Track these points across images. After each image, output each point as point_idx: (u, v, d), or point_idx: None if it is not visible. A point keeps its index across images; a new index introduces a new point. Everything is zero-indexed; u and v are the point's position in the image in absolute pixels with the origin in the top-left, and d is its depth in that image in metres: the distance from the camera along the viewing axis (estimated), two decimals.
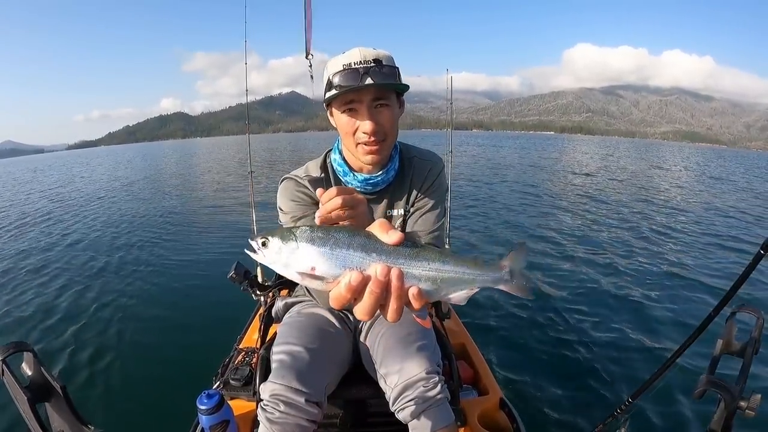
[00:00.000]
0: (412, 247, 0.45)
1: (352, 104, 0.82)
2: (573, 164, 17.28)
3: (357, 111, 0.83)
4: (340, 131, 0.89)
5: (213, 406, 0.97)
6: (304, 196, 0.94)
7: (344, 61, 0.81)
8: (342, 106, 0.84)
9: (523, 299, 3.10)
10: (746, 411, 0.66)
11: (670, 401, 1.95)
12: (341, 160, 0.96)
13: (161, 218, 6.81)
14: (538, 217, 6.32)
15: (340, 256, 0.43)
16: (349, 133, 0.85)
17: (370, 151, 0.86)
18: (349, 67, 0.80)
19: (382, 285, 0.42)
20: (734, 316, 0.79)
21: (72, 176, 17.32)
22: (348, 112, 0.84)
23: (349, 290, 0.42)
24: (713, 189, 10.60)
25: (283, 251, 0.44)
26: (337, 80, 0.81)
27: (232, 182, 11.65)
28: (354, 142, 0.86)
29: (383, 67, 0.81)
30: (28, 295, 3.59)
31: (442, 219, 1.02)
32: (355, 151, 0.89)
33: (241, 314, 1.86)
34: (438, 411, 0.84)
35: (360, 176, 0.94)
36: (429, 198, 1.00)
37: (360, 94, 0.81)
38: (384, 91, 0.83)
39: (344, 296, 0.43)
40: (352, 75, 0.79)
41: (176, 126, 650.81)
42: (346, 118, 0.84)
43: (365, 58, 0.80)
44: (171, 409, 1.85)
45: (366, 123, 0.82)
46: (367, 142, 0.84)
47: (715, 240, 5.18)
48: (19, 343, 0.60)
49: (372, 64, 0.80)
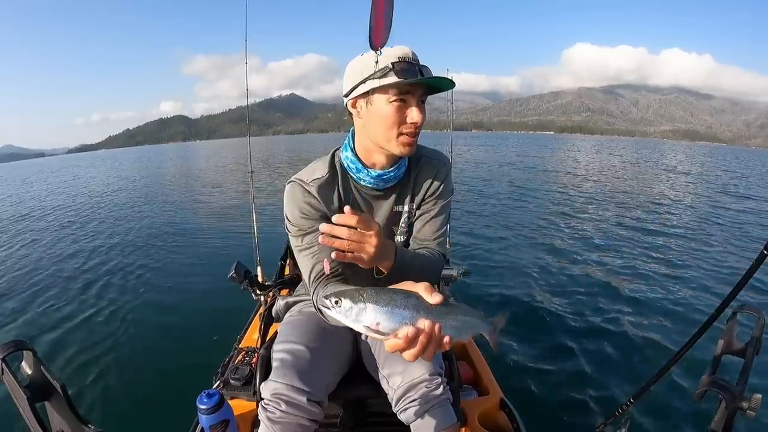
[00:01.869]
0: (446, 305, 0.59)
1: (406, 95, 0.83)
2: (571, 163, 17.28)
3: (407, 102, 0.84)
4: (380, 122, 0.86)
5: (213, 405, 0.97)
6: (310, 209, 0.91)
7: (398, 53, 0.82)
8: (394, 95, 0.83)
9: (523, 300, 3.11)
10: (747, 411, 0.66)
11: (671, 401, 1.95)
12: (354, 157, 0.94)
13: (161, 219, 6.82)
14: (539, 217, 6.32)
15: (398, 314, 0.55)
16: (395, 123, 0.85)
17: (411, 142, 0.87)
18: (404, 59, 0.81)
19: (429, 337, 0.55)
20: (735, 317, 0.79)
21: (76, 177, 17.33)
22: (398, 102, 0.83)
23: (406, 341, 0.54)
24: (713, 188, 10.59)
25: (354, 311, 0.55)
26: (399, 68, 0.81)
27: (233, 182, 11.66)
28: (397, 132, 0.86)
29: (426, 68, 0.84)
30: (28, 294, 3.59)
31: (446, 224, 1.03)
32: (393, 141, 0.87)
33: (241, 314, 1.86)
34: (441, 411, 0.85)
35: (374, 172, 0.93)
36: (436, 202, 1.00)
37: (415, 87, 0.83)
38: (426, 90, 0.86)
39: (401, 345, 0.54)
40: (411, 68, 0.81)
41: (176, 129, 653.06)
42: (395, 107, 0.83)
43: (406, 54, 0.82)
44: (171, 409, 1.85)
45: (416, 113, 0.84)
46: (410, 132, 0.86)
47: (717, 240, 5.18)
48: (18, 341, 0.60)
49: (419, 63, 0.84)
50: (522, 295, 3.26)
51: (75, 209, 8.28)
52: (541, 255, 4.34)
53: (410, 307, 0.56)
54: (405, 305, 0.56)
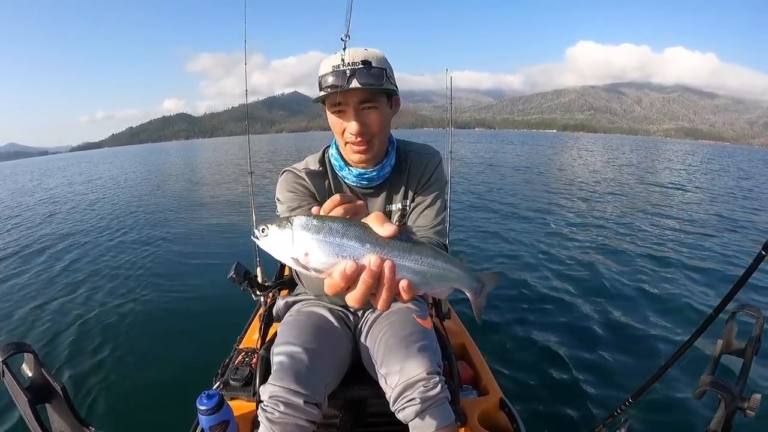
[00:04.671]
0: (406, 241, 0.47)
1: (340, 106, 0.84)
2: (571, 162, 17.28)
3: (344, 112, 0.85)
4: (332, 129, 0.92)
5: (213, 406, 0.97)
6: (301, 188, 0.96)
7: (334, 62, 0.82)
8: (331, 107, 0.86)
9: (523, 300, 3.11)
10: (746, 411, 0.66)
11: (670, 401, 1.95)
12: (338, 155, 0.98)
13: (162, 219, 6.81)
14: (538, 218, 6.31)
15: (334, 244, 0.44)
16: (338, 132, 0.89)
17: (358, 150, 0.89)
18: (337, 68, 0.81)
19: (374, 275, 0.43)
20: (734, 317, 0.79)
21: (71, 184, 17.31)
22: (336, 113, 0.86)
23: (343, 278, 0.43)
24: (714, 188, 10.59)
25: (280, 238, 0.46)
26: (325, 81, 0.82)
27: (233, 183, 11.66)
28: (343, 141, 0.90)
29: (371, 69, 0.81)
30: (28, 295, 3.59)
31: (443, 213, 1.03)
32: (344, 149, 0.93)
33: (241, 315, 1.86)
34: (439, 411, 0.85)
35: (355, 171, 0.96)
36: (428, 192, 1.01)
37: (346, 97, 0.82)
38: (371, 93, 0.83)
39: (338, 284, 0.44)
40: (338, 76, 0.80)
41: (179, 127, 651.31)
42: (335, 118, 0.87)
43: (353, 59, 0.81)
44: (171, 410, 1.85)
45: (352, 124, 0.84)
46: (354, 142, 0.87)
47: (716, 240, 5.18)
48: (19, 344, 0.60)
49: (360, 65, 0.81)
50: (522, 295, 3.25)
51: (74, 209, 8.27)
52: (540, 255, 4.34)
53: (351, 237, 0.44)
54: (344, 234, 0.44)
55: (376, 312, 1.05)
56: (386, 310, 0.46)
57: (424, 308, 1.09)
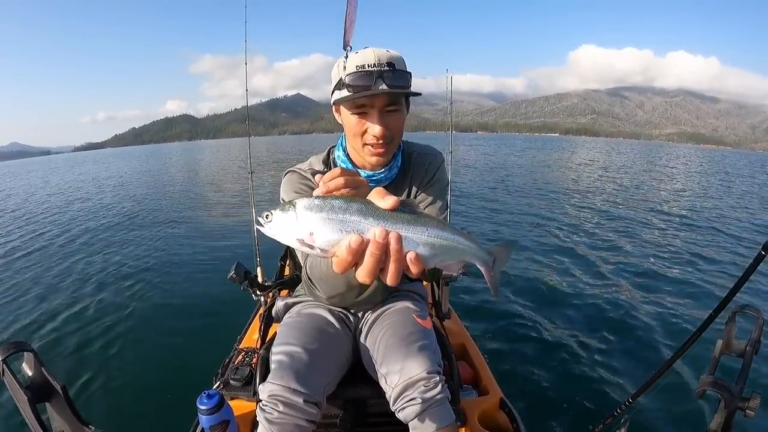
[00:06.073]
0: (410, 213, 0.46)
1: (364, 108, 0.82)
2: (571, 163, 17.27)
3: (368, 114, 0.82)
4: (348, 131, 0.88)
5: (213, 406, 0.97)
6: (306, 188, 0.95)
7: (358, 61, 0.79)
8: (353, 108, 0.83)
9: (526, 301, 3.11)
10: (746, 411, 0.66)
11: (670, 401, 1.94)
12: (345, 156, 0.97)
13: (162, 219, 6.82)
14: (538, 218, 6.31)
15: (338, 221, 0.44)
16: (358, 134, 0.85)
17: (377, 153, 0.87)
18: (363, 68, 0.78)
19: (381, 247, 0.43)
20: (734, 317, 0.79)
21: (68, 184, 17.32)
22: (359, 114, 0.83)
23: (350, 253, 0.43)
24: (714, 189, 10.59)
25: (284, 221, 0.46)
26: (350, 81, 0.79)
27: (233, 183, 11.66)
28: (362, 143, 0.87)
29: (396, 72, 0.79)
30: (28, 295, 3.59)
31: (444, 213, 1.02)
32: (361, 151, 0.89)
33: (241, 314, 1.86)
34: (439, 411, 0.84)
35: (364, 173, 0.94)
36: (430, 192, 1.01)
37: (372, 99, 0.80)
38: (396, 95, 0.81)
39: (346, 259, 0.44)
40: (365, 78, 0.77)
41: (182, 128, 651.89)
42: (355, 119, 0.84)
43: (379, 60, 0.78)
44: (171, 409, 1.85)
45: (377, 127, 0.81)
46: (374, 144, 0.85)
47: (716, 240, 5.18)
48: (19, 342, 0.60)
49: (386, 67, 0.78)
50: (522, 296, 3.25)
51: (73, 210, 8.28)
52: (540, 256, 4.34)
53: (354, 212, 0.44)
54: (346, 209, 0.45)
55: (376, 312, 1.05)
56: (395, 284, 0.45)
57: (424, 308, 1.09)
